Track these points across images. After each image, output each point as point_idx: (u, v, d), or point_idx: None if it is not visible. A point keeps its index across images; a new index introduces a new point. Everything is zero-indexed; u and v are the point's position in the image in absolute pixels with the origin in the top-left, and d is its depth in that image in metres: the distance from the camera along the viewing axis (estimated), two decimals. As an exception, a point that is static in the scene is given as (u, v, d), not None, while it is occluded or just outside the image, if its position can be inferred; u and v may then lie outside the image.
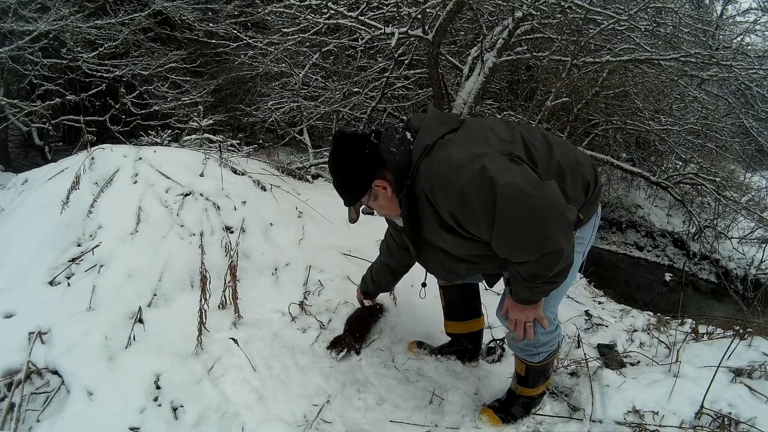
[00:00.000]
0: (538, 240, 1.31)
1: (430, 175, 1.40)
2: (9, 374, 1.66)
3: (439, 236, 1.52)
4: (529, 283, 1.45)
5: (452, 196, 1.36)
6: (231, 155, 3.13)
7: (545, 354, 1.76)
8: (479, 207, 1.32)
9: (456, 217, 1.39)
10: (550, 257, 1.34)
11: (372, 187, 1.54)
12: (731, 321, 2.90)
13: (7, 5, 5.01)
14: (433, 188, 1.40)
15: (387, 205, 1.58)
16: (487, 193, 1.30)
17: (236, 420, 1.63)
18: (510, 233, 1.33)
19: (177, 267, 2.12)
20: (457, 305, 2.14)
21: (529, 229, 1.31)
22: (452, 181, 1.35)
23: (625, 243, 7.86)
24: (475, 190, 1.31)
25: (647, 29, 4.44)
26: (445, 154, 1.40)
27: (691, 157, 6.24)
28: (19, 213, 2.32)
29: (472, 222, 1.38)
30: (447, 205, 1.39)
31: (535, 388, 1.86)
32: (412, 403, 1.91)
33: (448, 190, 1.36)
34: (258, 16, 5.15)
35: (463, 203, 1.35)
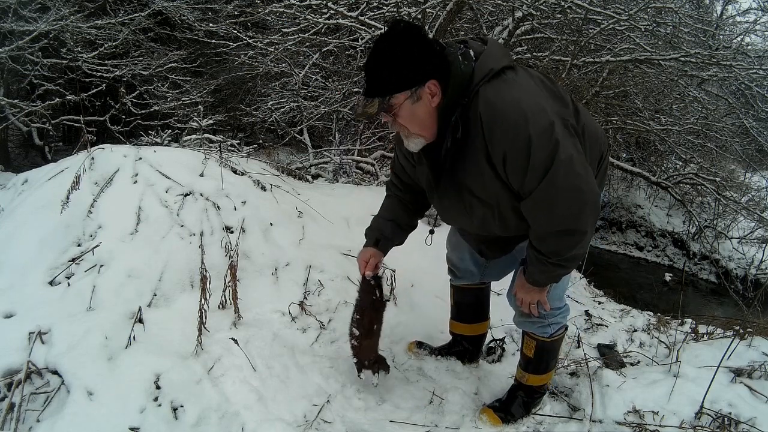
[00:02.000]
0: (570, 214, 1.34)
1: (494, 109, 1.31)
2: (9, 374, 1.66)
3: (475, 168, 1.41)
4: (544, 264, 1.45)
5: (515, 140, 1.30)
6: (231, 155, 3.13)
7: (556, 327, 1.77)
8: (535, 163, 1.30)
9: (507, 159, 1.33)
10: (574, 237, 1.37)
11: (423, 86, 1.35)
12: (731, 321, 2.90)
13: (7, 5, 5.01)
14: (495, 122, 1.31)
15: (422, 117, 1.39)
16: (548, 154, 1.29)
17: (236, 420, 1.63)
18: (550, 199, 1.33)
19: (177, 267, 2.12)
20: (466, 307, 2.12)
21: (567, 205, 1.33)
22: (519, 126, 1.29)
23: (625, 243, 7.86)
24: (538, 146, 1.28)
25: (647, 29, 4.44)
26: (511, 94, 1.32)
27: (691, 157, 6.24)
28: (19, 213, 2.32)
29: (518, 170, 1.33)
30: (504, 144, 1.32)
31: (541, 374, 1.84)
32: (412, 403, 1.91)
33: (513, 133, 1.29)
34: (258, 16, 5.15)
35: (522, 151, 1.30)
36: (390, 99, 1.36)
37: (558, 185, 1.31)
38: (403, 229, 1.84)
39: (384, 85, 1.35)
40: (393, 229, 1.80)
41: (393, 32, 1.33)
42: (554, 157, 1.29)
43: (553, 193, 1.32)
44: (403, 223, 1.82)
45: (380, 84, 1.35)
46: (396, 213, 1.82)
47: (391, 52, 1.33)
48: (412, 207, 1.83)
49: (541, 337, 1.77)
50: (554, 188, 1.31)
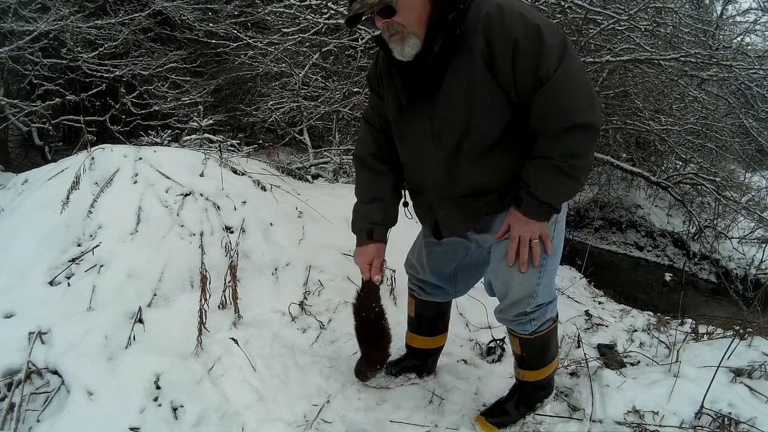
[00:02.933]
0: (589, 108, 1.26)
1: (498, 6, 1.25)
2: (9, 374, 1.66)
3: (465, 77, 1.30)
4: (556, 172, 1.30)
5: (525, 29, 1.22)
6: (231, 155, 3.13)
7: (538, 323, 1.60)
8: (550, 46, 1.22)
9: (517, 47, 1.22)
10: (590, 132, 1.28)
11: None
12: (731, 321, 2.90)
13: (7, 5, 5.01)
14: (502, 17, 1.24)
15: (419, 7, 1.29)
16: (560, 42, 1.23)
17: (236, 420, 1.63)
18: (568, 86, 1.24)
19: (177, 267, 2.12)
20: (428, 320, 1.95)
21: (584, 95, 1.26)
22: (527, 17, 1.23)
23: (625, 243, 7.85)
24: (549, 34, 1.22)
25: (647, 29, 4.44)
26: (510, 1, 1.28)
27: (691, 157, 6.24)
28: (19, 213, 2.32)
29: (532, 56, 1.23)
30: (513, 33, 1.22)
31: (536, 369, 1.72)
32: (412, 403, 1.90)
33: (521, 23, 1.22)
34: (258, 16, 5.16)
35: (534, 37, 1.22)
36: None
37: (574, 72, 1.24)
38: (389, 203, 1.61)
39: None
40: (380, 209, 1.59)
41: None
42: (566, 45, 1.23)
43: (570, 79, 1.24)
44: (386, 195, 1.60)
45: None
46: (375, 187, 1.61)
47: None
48: (391, 168, 1.61)
49: (523, 334, 1.63)
50: (571, 74, 1.24)
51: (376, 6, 1.26)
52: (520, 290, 1.53)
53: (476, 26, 1.26)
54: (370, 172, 1.63)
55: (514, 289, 1.54)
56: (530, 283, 1.51)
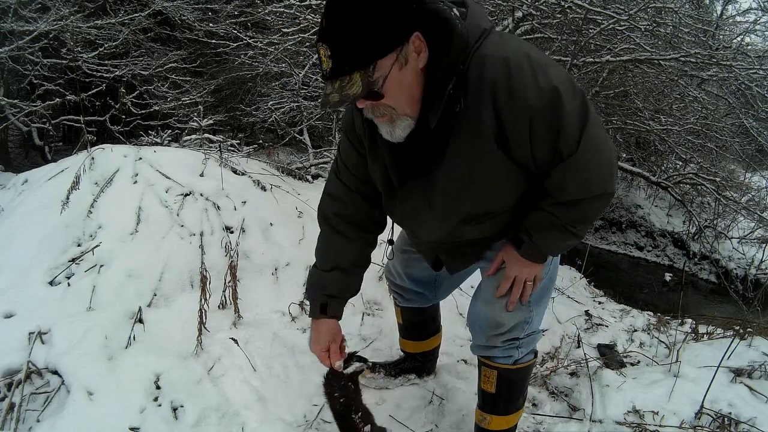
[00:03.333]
0: (607, 175, 1.15)
1: (505, 66, 1.03)
2: (9, 374, 1.66)
3: (471, 152, 1.11)
4: (560, 231, 1.22)
5: (541, 98, 1.03)
6: (231, 155, 3.13)
7: (525, 350, 1.46)
8: (571, 117, 1.05)
9: (534, 124, 1.05)
10: (604, 200, 1.19)
11: (408, 42, 1.01)
12: (731, 321, 2.90)
13: (7, 5, 5.01)
14: (512, 83, 1.02)
15: (410, 85, 1.05)
16: (580, 106, 1.06)
17: (236, 420, 1.63)
18: (590, 160, 1.10)
19: (177, 267, 2.12)
20: (417, 325, 1.91)
21: (604, 162, 1.13)
22: (540, 79, 1.02)
23: (625, 243, 7.85)
24: (569, 98, 1.04)
25: (647, 29, 4.44)
26: (516, 46, 1.06)
27: (691, 157, 6.24)
28: (19, 213, 2.32)
29: (551, 133, 1.06)
30: (528, 107, 1.03)
31: (509, 414, 1.53)
32: (412, 403, 1.90)
33: (536, 89, 1.02)
34: (258, 16, 5.15)
35: (553, 109, 1.03)
36: (374, 69, 0.98)
37: (597, 140, 1.10)
38: (351, 275, 1.41)
39: (363, 50, 0.96)
40: (340, 280, 1.39)
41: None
42: (587, 109, 1.07)
43: (593, 150, 1.10)
44: (350, 266, 1.40)
45: (357, 49, 0.96)
46: (338, 254, 1.39)
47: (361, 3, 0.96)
48: (363, 234, 1.41)
49: (504, 364, 1.45)
50: (594, 144, 1.09)
51: (359, 96, 1.00)
52: (516, 316, 1.41)
53: (482, 94, 1.05)
54: (336, 235, 1.39)
55: (509, 316, 1.40)
56: (526, 309, 1.42)
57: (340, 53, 0.97)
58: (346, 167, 1.37)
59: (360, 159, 1.33)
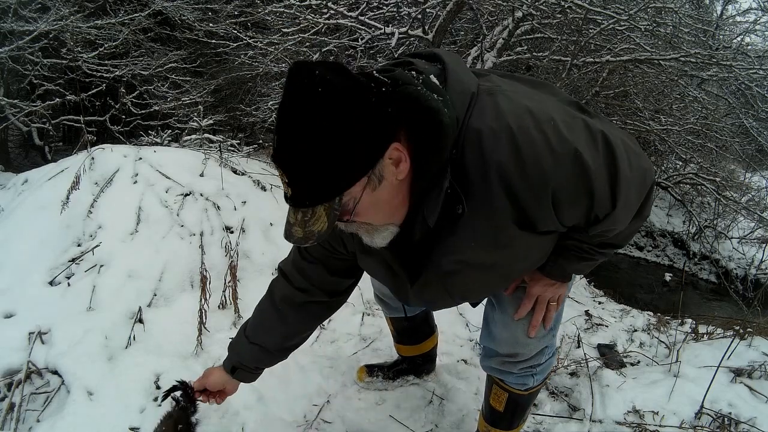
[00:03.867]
0: (643, 203, 1.03)
1: (510, 140, 0.84)
2: (9, 374, 1.66)
3: (503, 246, 0.96)
4: (590, 254, 1.10)
5: (559, 163, 0.85)
6: (231, 155, 3.13)
7: (541, 378, 1.39)
8: (596, 175, 0.88)
9: (558, 199, 0.88)
10: (638, 224, 1.08)
11: (383, 159, 0.81)
12: (731, 321, 2.90)
13: (7, 5, 5.01)
14: (523, 158, 0.84)
15: (389, 200, 0.87)
16: (605, 154, 0.89)
17: (236, 420, 1.63)
18: (627, 209, 0.98)
19: (177, 267, 2.12)
20: (409, 331, 1.87)
21: (641, 194, 1.00)
22: (553, 142, 0.85)
23: (625, 243, 7.85)
24: (589, 151, 0.87)
25: (647, 29, 4.44)
26: (516, 107, 0.87)
27: (691, 157, 6.24)
28: (19, 213, 2.32)
29: (581, 201, 0.91)
30: (548, 181, 0.86)
31: (513, 428, 1.51)
32: (412, 403, 1.91)
33: (552, 157, 0.85)
34: (258, 16, 5.16)
35: (575, 171, 0.86)
36: (340, 200, 0.81)
37: (629, 181, 0.93)
38: (270, 358, 1.30)
39: (326, 183, 0.79)
40: (257, 357, 1.29)
41: (304, 92, 0.76)
42: (613, 153, 0.90)
43: (629, 195, 0.96)
44: (274, 348, 1.28)
45: (319, 183, 0.79)
46: (266, 333, 1.26)
47: (322, 123, 0.76)
48: (300, 315, 1.24)
49: (517, 389, 1.38)
50: (628, 189, 0.94)
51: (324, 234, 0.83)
52: (538, 344, 1.29)
53: (489, 184, 0.86)
54: (272, 310, 1.25)
55: (530, 344, 1.28)
56: (549, 335, 1.32)
57: (298, 185, 0.80)
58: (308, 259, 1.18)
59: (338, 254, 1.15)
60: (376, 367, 1.97)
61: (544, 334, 1.28)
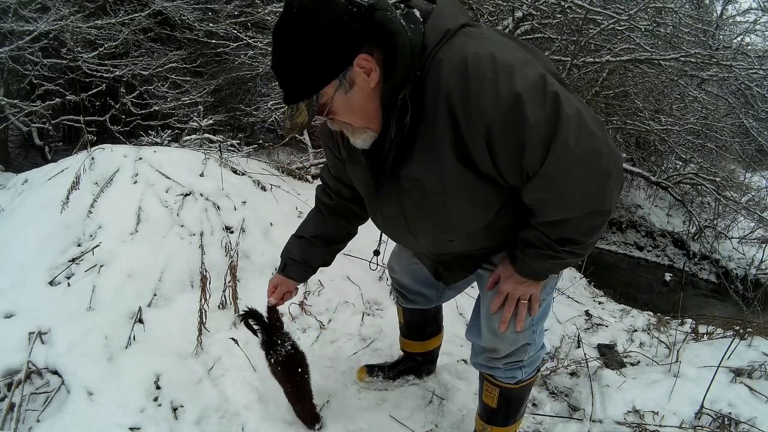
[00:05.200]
0: (595, 192, 1.01)
1: (463, 72, 0.94)
2: (9, 374, 1.66)
3: (432, 165, 1.04)
4: (553, 250, 1.11)
5: (499, 105, 0.93)
6: (231, 155, 3.14)
7: (529, 371, 1.43)
8: (535, 129, 0.93)
9: (492, 135, 0.95)
10: (597, 218, 1.06)
11: (352, 66, 0.98)
12: (731, 321, 2.90)
13: (7, 5, 5.01)
14: (467, 88, 0.94)
15: (362, 104, 1.03)
16: (550, 113, 0.93)
17: (236, 420, 1.63)
18: (565, 176, 0.98)
19: (177, 267, 2.12)
20: (418, 326, 1.89)
21: (588, 177, 0.99)
22: (501, 84, 0.92)
23: (625, 243, 7.85)
24: (534, 105, 0.92)
25: (647, 29, 4.44)
26: (482, 48, 0.95)
27: (691, 157, 6.25)
28: (19, 213, 2.32)
29: (511, 146, 0.96)
30: (485, 116, 0.93)
31: (509, 425, 1.53)
32: (412, 402, 1.90)
33: (494, 96, 0.92)
34: (258, 16, 5.16)
35: (513, 118, 0.93)
36: (317, 98, 1.01)
37: (571, 152, 0.95)
38: (312, 249, 1.48)
39: (303, 84, 0.99)
40: (303, 248, 1.47)
41: (289, 12, 0.96)
42: (559, 115, 0.93)
43: (566, 165, 0.97)
44: (314, 240, 1.47)
45: (298, 83, 0.99)
46: (309, 228, 1.49)
47: (296, 37, 0.95)
48: (335, 218, 1.48)
49: (507, 383, 1.43)
50: (567, 158, 0.96)
51: (305, 125, 1.03)
52: (517, 341, 1.36)
53: (437, 103, 0.98)
54: (314, 210, 1.53)
55: (508, 338, 1.35)
56: (528, 331, 1.35)
57: (284, 84, 1.01)
58: (329, 170, 1.44)
59: (339, 164, 1.35)
60: (376, 367, 1.97)
61: (523, 331, 1.33)
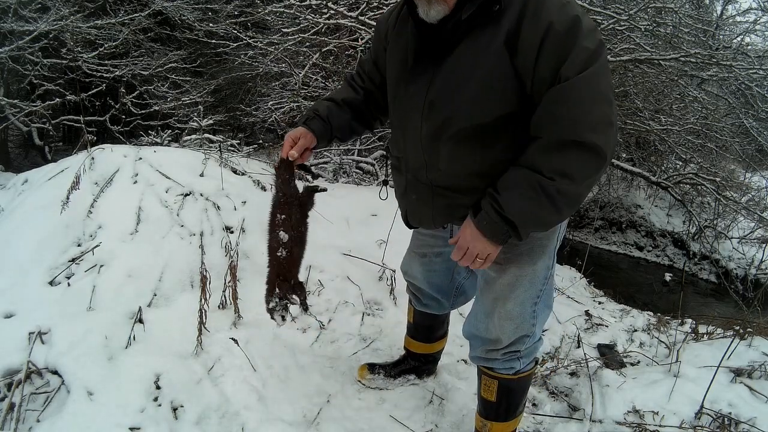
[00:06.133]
0: (600, 129, 1.09)
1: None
2: (9, 374, 1.66)
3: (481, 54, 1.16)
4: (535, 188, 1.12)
5: (562, 17, 1.08)
6: (231, 155, 3.13)
7: (527, 361, 1.48)
8: (580, 48, 1.08)
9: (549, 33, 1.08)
10: (593, 159, 1.10)
11: None
12: (731, 321, 2.90)
13: (7, 5, 5.01)
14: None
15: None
16: (594, 49, 1.09)
17: (236, 420, 1.63)
18: (585, 96, 1.09)
19: (177, 267, 2.12)
20: (425, 329, 1.92)
21: (599, 114, 1.10)
22: (566, 4, 1.10)
23: (625, 243, 7.84)
24: (586, 35, 1.09)
25: (647, 29, 4.44)
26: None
27: (691, 157, 6.24)
28: (19, 213, 2.32)
29: (560, 48, 1.09)
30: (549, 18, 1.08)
31: (509, 420, 1.55)
32: (412, 403, 1.91)
33: (560, 8, 1.09)
34: (258, 16, 5.16)
35: (570, 31, 1.08)
36: None
37: (600, 85, 1.09)
38: (338, 110, 1.50)
39: None
40: (330, 108, 1.49)
41: None
42: (601, 53, 1.09)
43: (593, 89, 1.09)
44: (341, 100, 1.51)
45: None
46: (340, 93, 1.54)
47: None
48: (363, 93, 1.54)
49: (505, 374, 1.47)
50: (596, 85, 1.09)
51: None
52: (517, 332, 1.41)
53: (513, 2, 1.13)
54: (348, 84, 1.57)
55: (509, 331, 1.40)
56: (527, 323, 1.40)
57: None
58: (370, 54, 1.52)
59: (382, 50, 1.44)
60: (377, 366, 1.98)
61: (523, 323, 1.40)
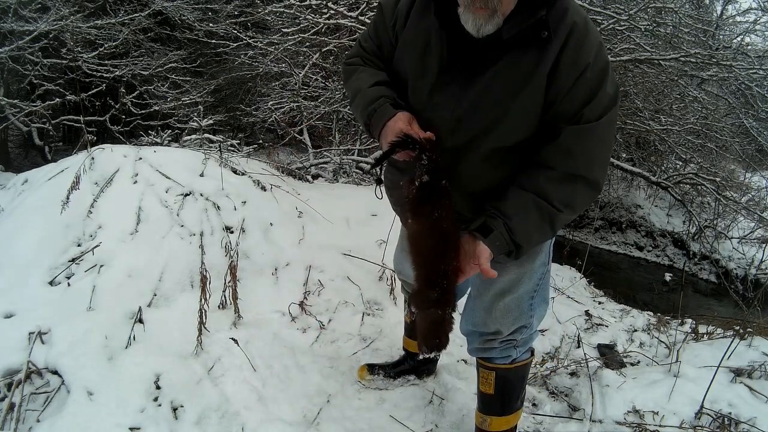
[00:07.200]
0: (602, 168, 1.21)
1: (584, 21, 1.16)
2: (9, 374, 1.66)
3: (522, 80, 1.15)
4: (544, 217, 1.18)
5: (598, 60, 1.14)
6: (231, 155, 3.13)
7: (522, 350, 1.51)
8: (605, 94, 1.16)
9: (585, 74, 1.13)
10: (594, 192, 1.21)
11: None
12: (731, 321, 2.90)
13: (7, 5, 5.01)
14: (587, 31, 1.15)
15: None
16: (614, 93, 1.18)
17: (236, 420, 1.63)
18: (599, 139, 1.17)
19: (177, 267, 2.12)
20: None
21: (605, 154, 1.22)
22: (602, 49, 1.17)
23: (625, 243, 7.85)
24: (611, 81, 1.17)
25: (647, 29, 4.44)
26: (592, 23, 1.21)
27: (691, 157, 6.24)
28: (19, 213, 2.32)
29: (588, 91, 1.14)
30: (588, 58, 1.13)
31: (507, 414, 1.56)
32: (412, 403, 1.91)
33: (598, 52, 1.15)
34: (258, 16, 5.16)
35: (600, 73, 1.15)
36: None
37: (610, 131, 1.19)
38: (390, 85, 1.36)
39: None
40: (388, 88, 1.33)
41: None
42: (617, 101, 1.19)
43: (607, 134, 1.19)
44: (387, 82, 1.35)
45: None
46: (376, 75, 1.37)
47: None
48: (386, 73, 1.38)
49: (502, 364, 1.50)
50: (609, 130, 1.19)
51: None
52: (515, 323, 1.46)
53: (558, 29, 1.13)
54: (368, 67, 1.41)
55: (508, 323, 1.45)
56: (525, 315, 1.45)
57: None
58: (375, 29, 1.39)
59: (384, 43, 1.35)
60: (377, 366, 1.98)
61: (522, 315, 1.44)
